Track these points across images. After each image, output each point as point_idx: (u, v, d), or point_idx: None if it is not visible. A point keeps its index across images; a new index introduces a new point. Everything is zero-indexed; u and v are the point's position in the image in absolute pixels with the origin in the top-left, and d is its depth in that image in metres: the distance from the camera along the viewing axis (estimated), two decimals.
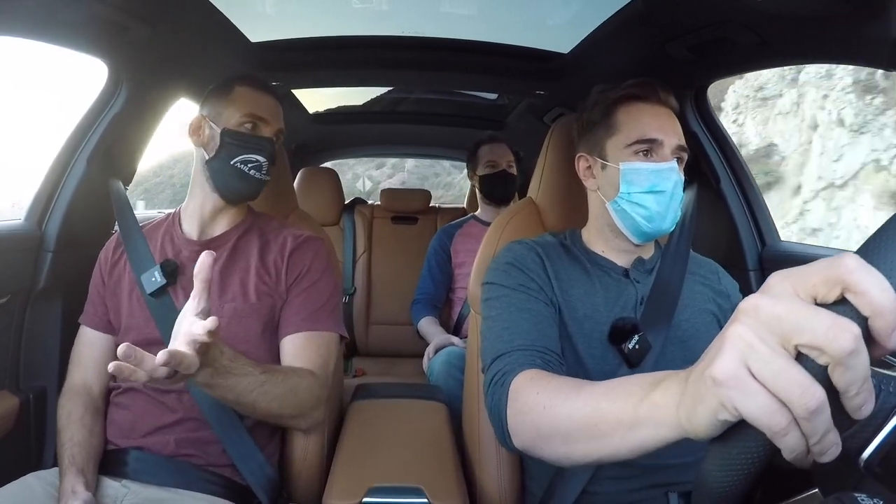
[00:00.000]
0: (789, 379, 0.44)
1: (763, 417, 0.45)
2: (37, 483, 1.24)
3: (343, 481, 1.20)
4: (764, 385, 0.45)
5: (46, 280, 1.64)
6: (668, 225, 1.19)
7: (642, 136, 1.18)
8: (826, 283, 0.45)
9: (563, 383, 0.90)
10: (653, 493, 1.16)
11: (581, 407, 0.78)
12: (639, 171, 1.18)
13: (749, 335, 0.47)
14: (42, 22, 1.35)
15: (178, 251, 1.42)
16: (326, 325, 1.39)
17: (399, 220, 3.28)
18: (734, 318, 0.49)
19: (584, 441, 0.77)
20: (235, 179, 1.37)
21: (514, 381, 0.98)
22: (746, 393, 0.46)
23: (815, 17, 1.19)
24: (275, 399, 1.18)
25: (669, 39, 1.56)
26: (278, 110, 1.45)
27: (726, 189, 1.80)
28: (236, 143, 1.37)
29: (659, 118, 1.19)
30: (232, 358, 1.09)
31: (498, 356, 1.07)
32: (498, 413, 0.99)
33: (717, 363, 0.48)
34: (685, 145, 1.20)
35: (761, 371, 0.46)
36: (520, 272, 1.21)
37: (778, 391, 0.44)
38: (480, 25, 2.14)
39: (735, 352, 0.47)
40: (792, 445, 0.45)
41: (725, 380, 0.47)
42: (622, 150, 1.20)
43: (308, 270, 1.41)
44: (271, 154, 1.39)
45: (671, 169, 1.17)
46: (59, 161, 1.69)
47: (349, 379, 2.65)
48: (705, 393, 0.50)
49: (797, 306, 0.45)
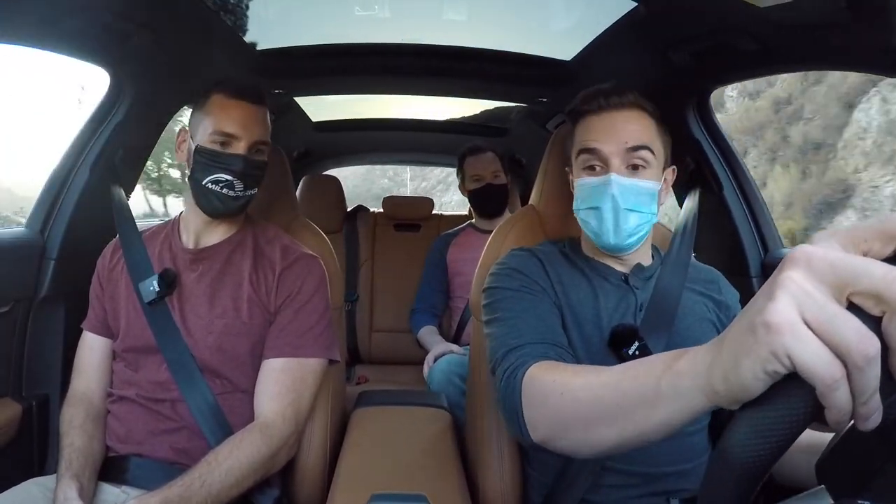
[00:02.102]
0: (847, 325, 0.42)
1: (818, 366, 0.42)
2: (36, 489, 1.25)
3: (346, 489, 1.19)
4: (818, 333, 0.43)
5: (49, 288, 1.64)
6: (620, 240, 1.17)
7: (581, 146, 1.19)
8: (881, 238, 0.44)
9: (579, 368, 0.88)
10: (653, 500, 1.15)
11: (600, 388, 0.75)
12: (581, 187, 1.20)
13: (802, 280, 0.44)
14: (44, 30, 1.35)
15: (174, 259, 1.42)
16: (311, 351, 1.38)
17: (402, 227, 3.28)
18: (784, 266, 0.46)
19: (606, 424, 0.74)
20: (211, 199, 1.35)
21: (528, 372, 0.96)
22: (801, 339, 0.43)
23: (816, 24, 1.19)
24: (225, 488, 1.18)
25: (671, 46, 1.56)
26: (254, 118, 1.39)
27: (728, 196, 1.80)
28: (206, 162, 1.34)
29: (602, 124, 1.18)
30: (164, 501, 1.11)
31: (508, 352, 1.06)
32: (513, 406, 0.97)
33: (770, 308, 0.45)
34: (643, 144, 1.16)
35: (817, 317, 0.43)
36: (523, 276, 1.20)
37: (834, 338, 0.42)
38: (482, 33, 2.14)
39: (789, 296, 0.44)
40: (840, 403, 0.42)
41: (780, 324, 0.44)
42: (577, 165, 1.22)
43: (298, 292, 1.40)
44: (242, 172, 1.34)
45: (604, 183, 1.15)
46: (61, 169, 1.69)
47: (352, 386, 2.64)
48: (754, 343, 0.46)
49: (850, 255, 0.44)
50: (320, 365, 1.41)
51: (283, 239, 1.49)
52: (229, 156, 1.34)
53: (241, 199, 1.37)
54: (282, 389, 1.33)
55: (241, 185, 1.35)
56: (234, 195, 1.35)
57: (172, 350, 1.32)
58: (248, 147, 1.36)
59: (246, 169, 1.35)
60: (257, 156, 1.39)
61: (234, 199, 1.36)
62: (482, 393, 1.40)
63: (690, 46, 1.52)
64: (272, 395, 1.32)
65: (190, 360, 1.32)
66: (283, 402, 1.32)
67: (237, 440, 1.24)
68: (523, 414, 0.94)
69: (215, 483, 1.16)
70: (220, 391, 1.34)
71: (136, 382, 1.35)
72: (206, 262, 1.40)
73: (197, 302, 1.37)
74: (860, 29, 1.12)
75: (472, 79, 2.30)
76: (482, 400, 1.40)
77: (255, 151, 1.38)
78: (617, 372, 0.74)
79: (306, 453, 1.47)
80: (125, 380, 1.37)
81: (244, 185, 1.36)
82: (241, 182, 1.35)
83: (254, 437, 1.25)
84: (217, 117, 1.35)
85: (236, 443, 1.23)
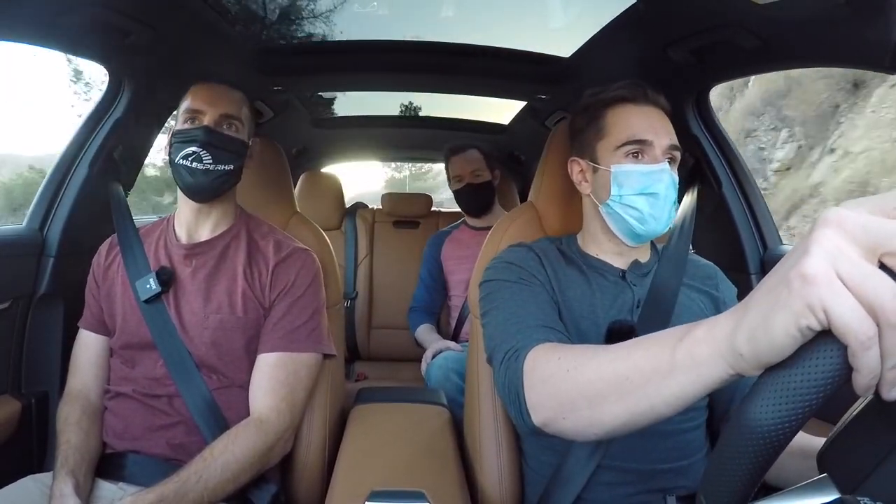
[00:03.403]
0: (882, 282, 0.42)
1: (853, 322, 0.42)
2: (34, 485, 1.25)
3: (344, 486, 1.19)
4: (852, 290, 0.43)
5: (48, 285, 1.64)
6: (661, 227, 1.18)
7: (631, 137, 1.16)
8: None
9: (585, 347, 0.87)
10: (650, 497, 1.15)
11: (609, 362, 0.74)
12: (629, 174, 1.16)
13: (837, 238, 0.44)
14: (43, 27, 1.35)
15: (169, 254, 1.42)
16: (304, 346, 1.39)
17: (400, 224, 3.28)
18: (818, 225, 0.45)
19: (614, 400, 0.72)
20: (185, 176, 1.35)
21: (531, 353, 0.95)
22: (838, 294, 0.43)
23: (815, 21, 1.19)
24: (221, 483, 1.19)
25: (671, 43, 1.55)
26: (221, 95, 1.41)
27: (728, 193, 1.80)
28: (178, 142, 1.36)
29: (649, 118, 1.18)
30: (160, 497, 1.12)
31: (507, 337, 1.05)
32: (514, 389, 0.96)
33: (806, 261, 0.44)
34: (678, 145, 1.19)
35: (851, 273, 0.43)
36: (520, 269, 1.20)
37: (869, 295, 0.42)
38: (481, 29, 2.14)
39: (823, 252, 0.44)
40: (871, 364, 0.42)
41: (817, 275, 0.43)
42: (612, 152, 1.19)
43: (292, 286, 1.41)
44: (206, 142, 1.35)
45: (662, 170, 1.15)
46: (60, 166, 1.69)
47: (351, 383, 2.65)
48: (788, 296, 0.46)
49: (882, 219, 0.43)
50: (314, 359, 1.41)
51: (276, 234, 1.50)
52: (193, 128, 1.37)
53: (213, 173, 1.36)
54: (276, 384, 1.34)
55: (209, 157, 1.35)
56: (202, 168, 1.35)
57: (169, 346, 1.33)
58: (215, 120, 1.38)
59: (209, 139, 1.35)
60: (228, 130, 1.40)
61: (204, 174, 1.35)
62: (480, 390, 1.41)
63: (689, 43, 1.52)
64: (266, 391, 1.33)
65: (186, 355, 1.33)
66: (278, 397, 1.33)
67: (233, 435, 1.25)
68: (524, 396, 0.93)
69: (212, 478, 1.17)
70: (217, 386, 1.34)
71: (132, 378, 1.36)
72: (200, 258, 1.40)
73: (192, 297, 1.37)
74: (859, 25, 1.12)
75: (470, 75, 2.29)
76: (481, 396, 1.40)
77: (225, 126, 1.40)
78: (627, 346, 0.73)
79: (305, 450, 1.47)
80: (122, 376, 1.38)
81: (212, 157, 1.36)
82: (209, 154, 1.35)
83: (249, 432, 1.26)
84: (188, 100, 1.40)
85: (232, 438, 1.24)
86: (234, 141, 1.40)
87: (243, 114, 1.44)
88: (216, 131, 1.37)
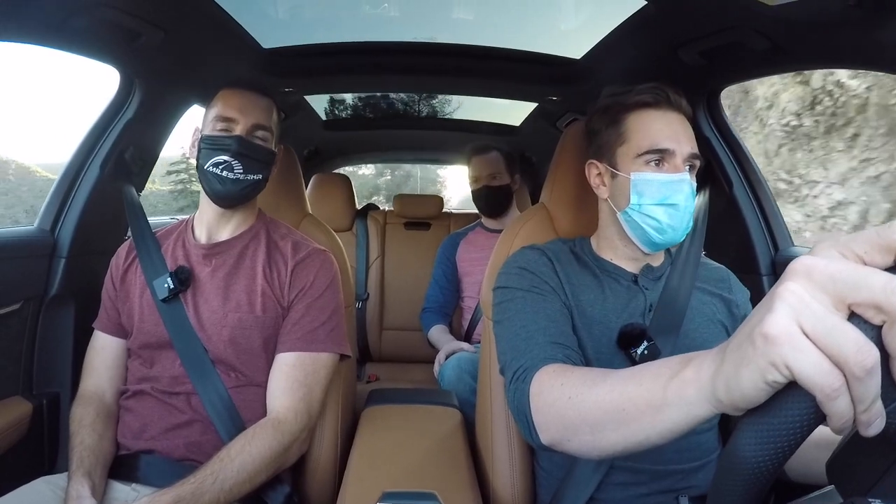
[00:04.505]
0: (845, 336, 0.42)
1: (817, 376, 0.43)
2: (47, 487, 1.25)
3: (356, 487, 1.19)
4: (817, 343, 0.43)
5: (59, 286, 1.65)
6: (679, 236, 1.17)
7: (653, 145, 1.14)
8: (881, 251, 0.45)
9: (586, 372, 0.88)
10: (662, 498, 1.16)
11: (607, 393, 0.75)
12: (650, 183, 1.14)
13: (801, 292, 0.45)
14: (54, 29, 1.36)
15: (187, 255, 1.43)
16: (322, 346, 1.39)
17: (412, 225, 3.28)
18: (784, 277, 0.47)
19: (613, 428, 0.74)
20: (214, 183, 1.37)
21: (537, 376, 0.96)
22: (800, 350, 0.44)
23: (827, 22, 1.18)
24: (237, 483, 1.19)
25: (681, 44, 1.55)
26: (254, 104, 1.42)
27: (739, 194, 1.79)
28: (207, 147, 1.37)
29: (671, 126, 1.15)
30: (178, 498, 1.12)
31: (517, 354, 1.06)
32: (522, 409, 0.97)
33: (768, 320, 0.46)
34: (698, 153, 1.17)
35: (815, 328, 0.44)
36: (532, 275, 1.20)
37: (832, 349, 0.43)
38: (492, 31, 2.14)
39: (787, 308, 0.45)
40: (841, 411, 0.43)
41: (778, 336, 0.45)
42: (633, 159, 1.16)
43: (310, 286, 1.41)
44: (238, 152, 1.36)
45: (682, 180, 1.13)
46: (71, 167, 1.70)
47: (362, 384, 2.65)
48: (753, 353, 0.47)
49: (850, 265, 0.44)
50: (332, 360, 1.42)
51: (294, 235, 1.50)
52: (226, 137, 1.37)
53: (242, 182, 1.38)
54: (293, 384, 1.34)
55: (241, 166, 1.36)
56: (233, 177, 1.36)
57: (185, 344, 1.34)
58: (247, 130, 1.39)
59: (242, 149, 1.36)
60: (258, 140, 1.41)
61: (234, 182, 1.37)
62: (493, 391, 1.40)
63: (700, 45, 1.51)
64: (284, 390, 1.33)
65: (203, 353, 1.34)
66: (295, 397, 1.33)
67: (249, 435, 1.25)
68: (532, 417, 0.94)
69: (228, 479, 1.17)
70: (234, 384, 1.35)
71: (151, 377, 1.36)
72: (219, 257, 1.41)
73: (211, 296, 1.38)
74: (869, 27, 1.11)
75: (481, 77, 2.29)
76: (493, 398, 1.40)
77: (255, 136, 1.40)
78: (624, 377, 0.75)
79: (317, 451, 1.47)
80: (141, 376, 1.38)
81: (243, 167, 1.37)
82: (240, 163, 1.36)
83: (266, 433, 1.26)
84: (218, 106, 1.40)
85: (248, 438, 1.24)
86: (264, 151, 1.42)
87: (272, 121, 1.45)
88: (248, 141, 1.38)
